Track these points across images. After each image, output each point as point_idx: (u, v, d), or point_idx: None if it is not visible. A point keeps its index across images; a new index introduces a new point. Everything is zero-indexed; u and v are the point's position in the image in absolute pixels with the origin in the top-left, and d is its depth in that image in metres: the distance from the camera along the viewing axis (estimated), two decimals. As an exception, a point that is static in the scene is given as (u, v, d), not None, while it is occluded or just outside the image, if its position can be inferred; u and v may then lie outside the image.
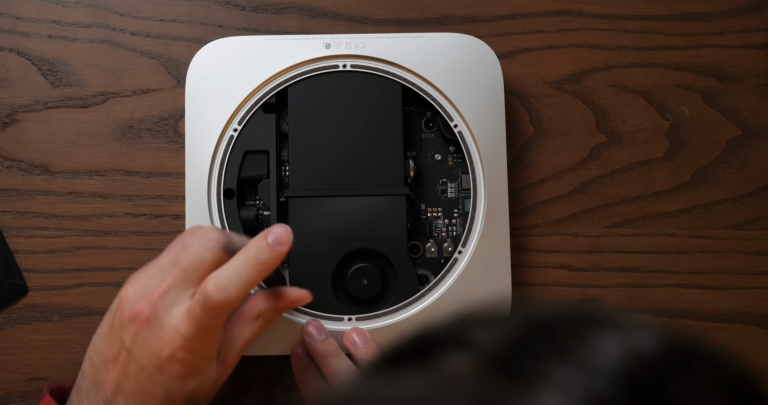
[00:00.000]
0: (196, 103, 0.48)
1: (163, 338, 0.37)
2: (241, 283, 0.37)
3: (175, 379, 0.37)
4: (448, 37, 0.49)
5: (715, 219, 0.52)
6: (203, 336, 0.37)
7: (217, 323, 0.37)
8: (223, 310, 0.37)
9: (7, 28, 0.52)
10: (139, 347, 0.37)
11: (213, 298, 0.36)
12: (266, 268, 0.38)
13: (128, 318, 0.37)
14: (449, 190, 0.50)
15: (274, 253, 0.38)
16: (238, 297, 0.37)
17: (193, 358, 0.37)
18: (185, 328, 0.36)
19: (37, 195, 0.51)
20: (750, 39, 0.53)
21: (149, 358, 0.37)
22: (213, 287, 0.36)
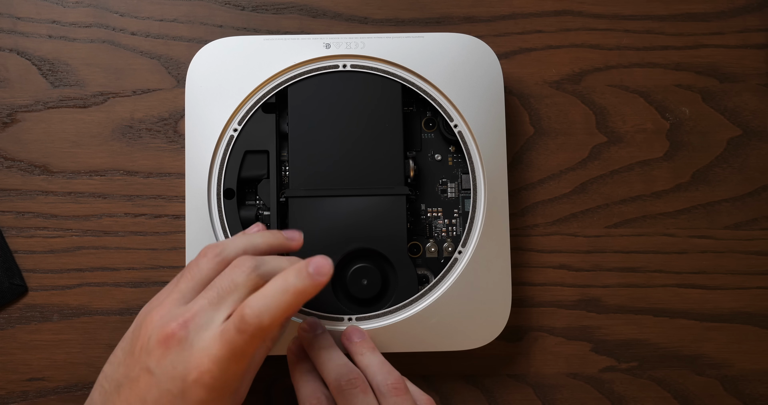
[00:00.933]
0: (196, 103, 0.48)
1: (191, 361, 0.36)
2: (276, 309, 0.36)
3: (196, 404, 0.36)
4: (448, 37, 0.49)
5: (715, 219, 0.52)
6: (233, 360, 0.36)
7: (248, 349, 0.36)
8: (256, 335, 0.36)
9: (7, 28, 0.52)
10: (164, 370, 0.36)
11: (248, 322, 0.35)
12: (304, 298, 0.37)
13: (156, 340, 0.36)
14: (449, 190, 0.50)
15: (313, 282, 0.37)
16: (273, 324, 0.36)
17: (218, 384, 0.36)
18: (216, 351, 0.36)
19: (37, 195, 0.51)
20: (750, 39, 0.53)
21: (173, 382, 0.36)
22: (249, 311, 0.35)
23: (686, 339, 0.51)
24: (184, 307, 0.38)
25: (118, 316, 0.50)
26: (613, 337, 0.51)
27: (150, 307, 0.39)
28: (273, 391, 0.50)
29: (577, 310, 0.51)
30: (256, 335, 0.36)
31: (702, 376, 0.51)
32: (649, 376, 0.51)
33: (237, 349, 0.36)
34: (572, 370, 0.51)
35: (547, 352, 0.51)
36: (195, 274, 0.39)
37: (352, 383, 0.41)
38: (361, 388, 0.41)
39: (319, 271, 0.37)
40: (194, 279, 0.39)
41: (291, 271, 0.37)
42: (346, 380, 0.41)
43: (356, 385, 0.41)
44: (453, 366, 0.50)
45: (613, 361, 0.51)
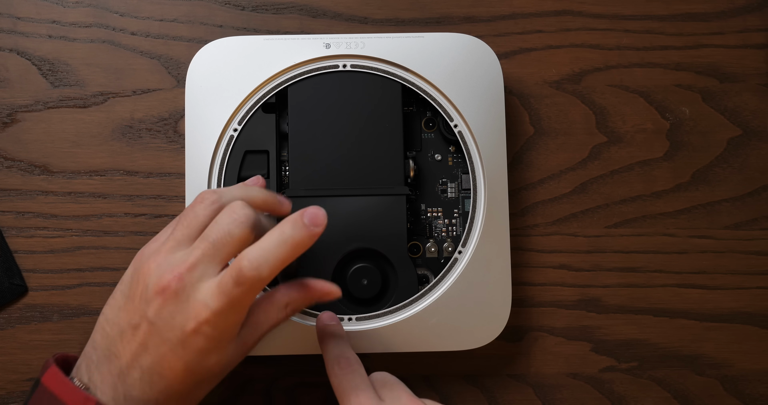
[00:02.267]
0: (196, 103, 0.48)
1: (189, 312, 0.36)
2: (274, 260, 0.36)
3: (197, 353, 0.37)
4: (448, 37, 0.49)
5: (715, 219, 0.52)
6: (231, 312, 0.37)
7: (246, 300, 0.37)
8: (254, 286, 0.36)
9: (7, 28, 0.52)
10: (164, 320, 0.37)
11: (246, 274, 0.36)
12: (300, 249, 0.37)
13: (154, 291, 0.37)
14: (449, 190, 0.50)
15: (309, 233, 0.37)
16: (271, 275, 0.36)
17: (217, 333, 0.37)
18: (214, 303, 0.36)
19: (37, 195, 0.51)
20: (750, 39, 0.53)
21: (173, 332, 0.37)
22: (247, 264, 0.36)
23: (686, 339, 0.51)
24: (180, 256, 0.38)
25: (118, 316, 0.50)
26: (613, 337, 0.51)
27: (147, 251, 0.40)
28: (273, 391, 0.50)
29: (577, 310, 0.51)
30: (254, 287, 0.36)
31: (702, 376, 0.51)
32: (649, 376, 0.51)
33: (235, 300, 0.36)
34: (572, 370, 0.51)
35: (547, 352, 0.51)
36: (191, 220, 0.39)
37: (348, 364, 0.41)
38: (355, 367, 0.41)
39: (314, 222, 0.37)
40: (190, 226, 0.39)
41: (286, 222, 0.37)
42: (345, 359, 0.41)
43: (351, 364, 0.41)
44: (453, 366, 0.50)
45: (613, 361, 0.51)
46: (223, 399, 0.50)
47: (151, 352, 0.37)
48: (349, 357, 0.41)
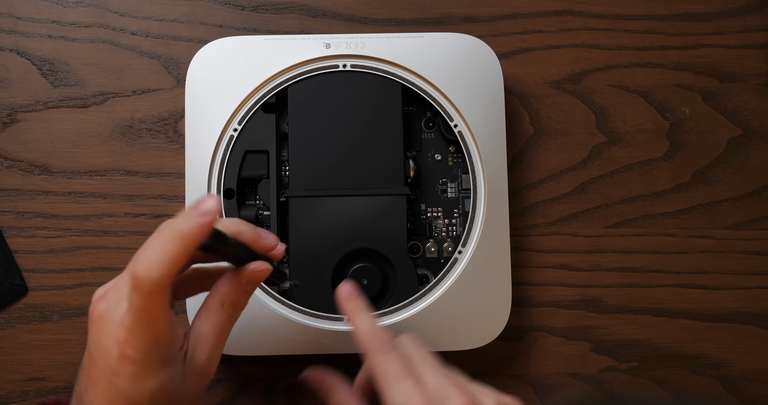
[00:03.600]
0: (196, 103, 0.48)
1: (111, 335, 0.35)
2: (164, 258, 0.33)
3: (130, 380, 0.35)
4: (448, 37, 0.49)
5: (715, 219, 0.52)
6: (142, 326, 0.34)
7: (151, 309, 0.34)
8: (152, 291, 0.33)
9: (7, 28, 0.52)
10: (96, 346, 0.35)
11: (139, 277, 0.33)
12: (191, 240, 0.34)
13: (89, 318, 0.36)
14: (449, 190, 0.50)
15: (196, 223, 0.33)
16: (164, 274, 0.33)
17: (141, 354, 0.34)
18: (126, 320, 0.34)
19: (37, 195, 0.51)
20: (750, 39, 0.53)
21: (104, 359, 0.35)
22: (138, 267, 0.33)
23: (686, 339, 0.51)
24: (109, 283, 0.37)
25: (118, 316, 0.50)
26: (613, 337, 0.51)
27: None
28: (273, 391, 0.50)
29: (577, 310, 0.51)
30: (152, 292, 0.33)
31: (702, 376, 0.51)
32: (649, 376, 0.51)
33: (140, 311, 0.34)
34: (572, 370, 0.51)
35: (547, 352, 0.51)
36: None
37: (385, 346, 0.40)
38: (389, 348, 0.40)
39: (201, 211, 0.34)
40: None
41: (174, 218, 0.35)
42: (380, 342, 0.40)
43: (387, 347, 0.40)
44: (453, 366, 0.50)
45: (613, 361, 0.51)
46: (223, 399, 0.50)
47: (94, 383, 0.35)
48: (383, 336, 0.40)
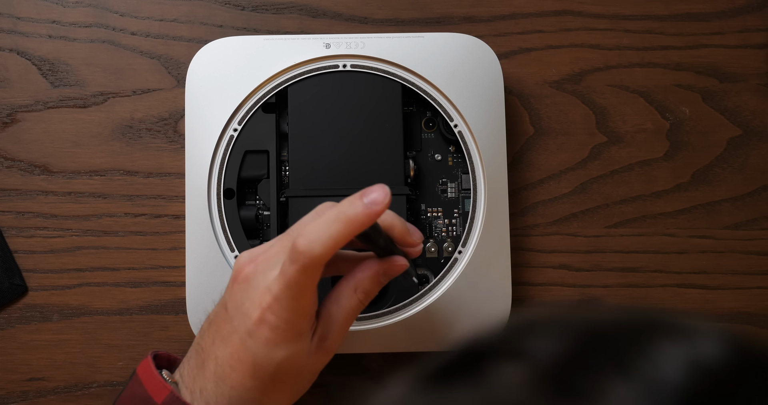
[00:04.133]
0: (196, 103, 0.48)
1: (255, 299, 0.36)
2: (327, 237, 0.35)
3: (264, 344, 0.36)
4: (448, 37, 0.49)
5: (715, 219, 0.52)
6: (291, 296, 0.36)
7: (303, 282, 0.36)
8: (308, 265, 0.35)
9: (7, 28, 0.52)
10: (235, 306, 0.37)
11: (299, 249, 0.35)
12: (355, 226, 0.35)
13: (232, 278, 0.38)
14: (449, 190, 0.50)
15: (366, 210, 0.35)
16: (324, 252, 0.35)
17: (281, 322, 0.36)
18: (275, 287, 0.36)
19: (37, 195, 0.51)
20: (750, 39, 0.53)
21: (242, 319, 0.37)
22: (300, 241, 0.35)
23: (686, 339, 0.51)
24: (261, 247, 0.39)
25: (118, 316, 0.50)
26: (613, 337, 0.51)
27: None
28: (273, 391, 0.50)
29: (577, 310, 0.51)
30: (307, 266, 0.35)
31: (702, 376, 0.51)
32: (649, 376, 0.51)
33: (292, 281, 0.35)
34: (572, 370, 0.51)
35: (547, 352, 0.51)
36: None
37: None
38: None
39: (374, 200, 0.36)
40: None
41: (345, 200, 0.36)
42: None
43: None
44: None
45: (613, 361, 0.51)
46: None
47: (225, 340, 0.37)
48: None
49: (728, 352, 0.19)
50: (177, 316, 0.50)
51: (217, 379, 0.37)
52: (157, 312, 0.50)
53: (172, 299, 0.50)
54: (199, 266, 0.47)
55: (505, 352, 0.20)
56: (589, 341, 0.19)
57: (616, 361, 0.18)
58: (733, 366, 0.18)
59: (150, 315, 0.50)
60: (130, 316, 0.50)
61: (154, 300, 0.50)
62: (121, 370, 0.50)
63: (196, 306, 0.47)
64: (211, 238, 0.47)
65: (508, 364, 0.19)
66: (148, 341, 0.50)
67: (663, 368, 0.18)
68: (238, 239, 0.47)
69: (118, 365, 0.50)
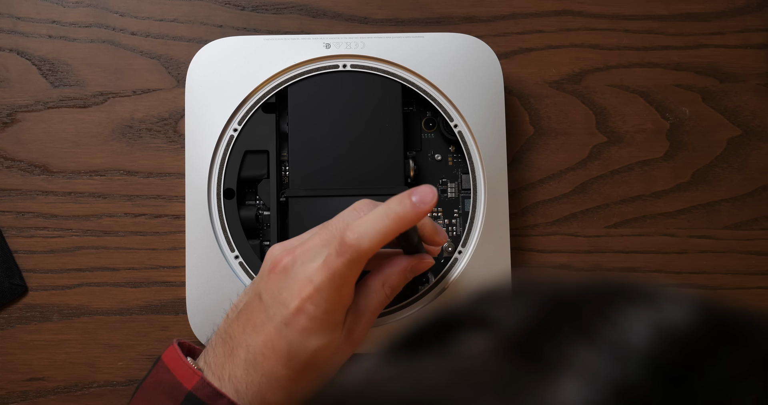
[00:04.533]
0: (196, 103, 0.48)
1: (294, 288, 0.37)
2: (375, 233, 0.36)
3: (300, 333, 0.37)
4: (448, 37, 0.49)
5: (715, 219, 0.52)
6: (333, 287, 0.37)
7: (347, 275, 0.37)
8: (354, 259, 0.36)
9: (7, 28, 0.52)
10: (271, 296, 0.38)
11: (347, 243, 0.36)
12: (403, 224, 0.37)
13: (268, 269, 0.38)
14: (449, 190, 0.50)
15: (414, 209, 0.36)
16: (371, 247, 0.36)
17: (320, 312, 0.37)
18: (317, 277, 0.36)
19: (37, 195, 0.51)
20: (750, 39, 0.53)
21: (279, 309, 0.37)
22: (349, 234, 0.36)
23: (686, 339, 0.51)
24: (298, 239, 0.39)
25: (118, 316, 0.50)
26: (613, 337, 0.51)
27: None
28: (273, 391, 0.50)
29: (577, 310, 0.51)
30: (354, 259, 0.36)
31: (702, 376, 0.51)
32: (649, 376, 0.51)
33: (336, 273, 0.36)
34: (572, 370, 0.51)
35: (547, 352, 0.51)
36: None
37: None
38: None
39: (422, 199, 0.37)
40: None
41: (394, 198, 0.37)
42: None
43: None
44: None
45: (613, 361, 0.51)
46: (223, 399, 0.50)
47: (258, 329, 0.38)
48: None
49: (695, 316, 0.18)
50: (177, 316, 0.50)
51: (247, 367, 0.38)
52: (157, 312, 0.50)
53: (172, 299, 0.50)
54: (199, 266, 0.47)
55: (471, 320, 0.20)
56: (554, 309, 0.19)
57: (581, 327, 0.18)
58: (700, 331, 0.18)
59: (150, 315, 0.50)
60: (130, 316, 0.50)
61: (154, 300, 0.50)
62: (121, 370, 0.50)
63: (196, 306, 0.47)
64: (211, 238, 0.47)
65: (474, 332, 0.19)
66: (148, 341, 0.50)
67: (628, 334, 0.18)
68: (238, 239, 0.47)
69: (118, 365, 0.50)
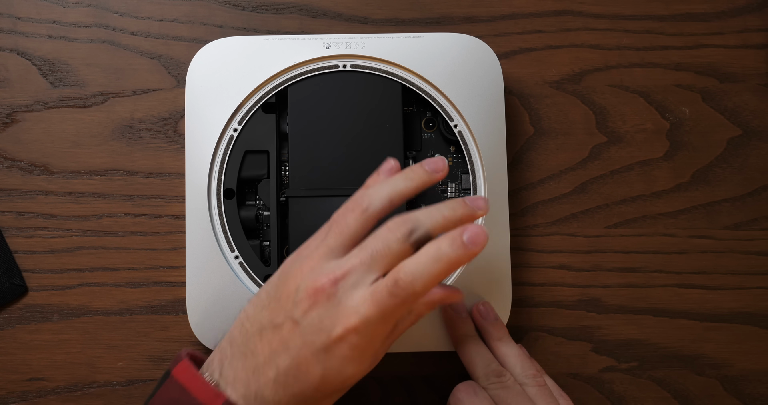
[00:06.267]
0: (196, 103, 0.48)
1: (338, 317, 0.36)
2: (428, 276, 0.36)
3: (339, 361, 0.37)
4: (448, 37, 0.49)
5: (715, 219, 0.52)
6: (380, 322, 0.37)
7: (396, 312, 0.37)
8: (407, 299, 0.36)
9: (7, 28, 0.52)
10: (310, 323, 0.37)
11: (401, 286, 0.36)
12: (456, 266, 0.37)
13: (306, 293, 0.37)
14: (449, 190, 0.50)
15: (467, 252, 0.37)
16: (424, 289, 0.36)
17: (363, 342, 0.37)
18: (365, 310, 0.36)
19: (37, 195, 0.51)
20: (750, 39, 0.53)
21: (318, 335, 0.37)
22: (402, 276, 0.36)
23: (686, 339, 0.51)
24: (335, 263, 0.38)
25: (118, 316, 0.50)
26: (613, 337, 0.51)
27: (298, 256, 0.40)
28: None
29: (577, 310, 0.51)
30: (406, 300, 0.36)
31: (702, 376, 0.51)
32: (649, 376, 0.51)
33: (386, 311, 0.36)
34: (572, 370, 0.51)
35: (547, 352, 0.51)
36: (343, 229, 0.39)
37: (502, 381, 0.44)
38: (510, 382, 0.44)
39: (474, 241, 0.37)
40: (342, 235, 0.39)
41: (445, 239, 0.37)
42: (497, 376, 0.44)
43: (505, 380, 0.44)
44: (453, 366, 0.50)
45: (613, 361, 0.51)
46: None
47: (291, 353, 0.37)
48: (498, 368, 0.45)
49: None
50: (177, 316, 0.50)
51: (276, 387, 0.37)
52: (157, 312, 0.50)
53: (172, 299, 0.50)
54: (199, 266, 0.47)
55: None
56: None
57: None
58: None
59: (150, 315, 0.50)
60: (130, 316, 0.50)
61: (154, 300, 0.50)
62: (121, 370, 0.50)
63: (196, 306, 0.47)
64: (211, 238, 0.47)
65: None
66: (148, 341, 0.50)
67: None
68: (238, 239, 0.47)
69: (118, 365, 0.50)
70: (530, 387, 0.44)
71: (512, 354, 0.46)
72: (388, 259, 0.37)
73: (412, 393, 0.50)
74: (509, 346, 0.46)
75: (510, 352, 0.46)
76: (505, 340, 0.47)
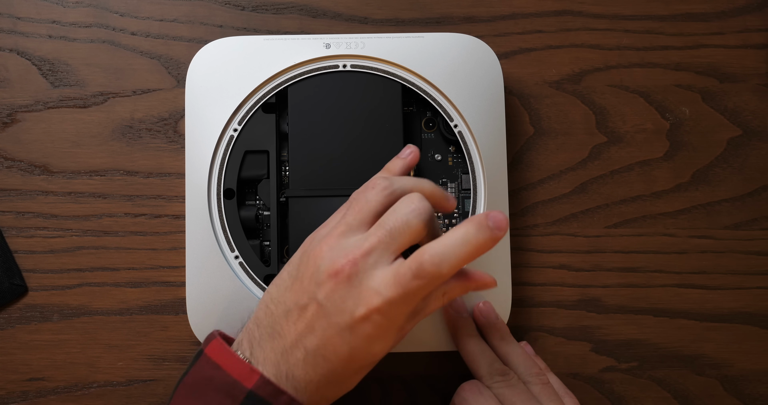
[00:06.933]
0: (196, 103, 0.48)
1: (361, 298, 0.37)
2: (455, 259, 0.36)
3: (364, 340, 0.37)
4: (448, 37, 0.49)
5: (715, 219, 0.52)
6: (403, 303, 0.37)
7: (420, 294, 0.37)
8: (432, 282, 0.36)
9: (7, 28, 0.52)
10: (334, 304, 0.37)
11: (426, 269, 0.36)
12: (481, 251, 0.37)
13: (326, 274, 0.37)
14: (449, 191, 0.50)
15: (492, 236, 0.37)
16: (449, 273, 0.36)
17: (386, 322, 0.37)
18: (388, 292, 0.36)
19: (37, 195, 0.51)
20: (750, 39, 0.53)
21: (342, 316, 0.37)
22: (428, 258, 0.36)
23: (686, 339, 0.51)
24: (354, 241, 0.38)
25: (118, 316, 0.50)
26: (613, 337, 0.51)
27: (318, 235, 0.40)
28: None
29: (577, 310, 0.51)
30: (431, 282, 0.36)
31: (702, 376, 0.51)
32: (649, 376, 0.51)
33: (410, 292, 0.36)
34: (572, 370, 0.51)
35: (547, 352, 0.51)
36: (363, 206, 0.39)
37: (506, 379, 0.44)
38: (515, 381, 0.44)
39: (498, 226, 0.37)
40: (362, 211, 0.39)
41: (471, 223, 0.37)
42: (501, 375, 0.44)
43: (510, 379, 0.44)
44: (453, 366, 0.50)
45: (613, 361, 0.51)
46: (223, 399, 0.50)
47: (318, 334, 0.37)
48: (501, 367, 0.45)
49: None
50: (177, 316, 0.50)
51: (306, 367, 0.38)
52: (157, 312, 0.50)
53: (172, 299, 0.50)
54: (199, 266, 0.47)
55: None
56: None
57: None
58: None
59: (150, 315, 0.50)
60: (130, 316, 0.50)
61: (154, 300, 0.50)
62: (121, 370, 0.50)
63: (196, 306, 0.47)
64: (211, 238, 0.47)
65: None
66: (148, 341, 0.50)
67: None
68: (238, 239, 0.47)
69: (118, 365, 0.50)
70: (534, 385, 0.44)
71: (514, 353, 0.46)
72: (407, 236, 0.38)
73: (413, 393, 0.50)
74: (511, 345, 0.46)
75: (512, 351, 0.46)
76: (507, 338, 0.47)
